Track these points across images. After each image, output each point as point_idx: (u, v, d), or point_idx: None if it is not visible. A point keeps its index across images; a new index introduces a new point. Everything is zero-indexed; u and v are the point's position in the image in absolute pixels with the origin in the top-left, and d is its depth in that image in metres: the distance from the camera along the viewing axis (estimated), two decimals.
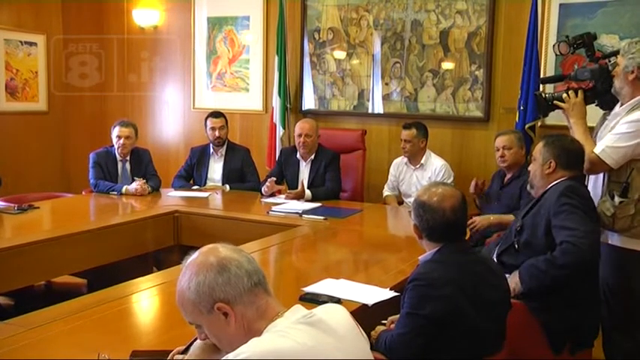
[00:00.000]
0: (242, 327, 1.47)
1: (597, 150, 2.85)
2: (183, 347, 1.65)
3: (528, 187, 2.91)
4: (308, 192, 4.59)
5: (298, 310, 1.52)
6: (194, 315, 1.51)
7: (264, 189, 4.65)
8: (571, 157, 2.77)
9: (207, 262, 1.50)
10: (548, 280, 2.52)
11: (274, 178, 4.68)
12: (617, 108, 2.98)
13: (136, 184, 4.64)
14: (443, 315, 2.05)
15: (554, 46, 3.38)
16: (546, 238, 2.62)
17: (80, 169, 5.96)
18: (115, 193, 4.63)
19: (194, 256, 1.53)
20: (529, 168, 2.90)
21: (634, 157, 2.81)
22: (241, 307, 1.47)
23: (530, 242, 2.69)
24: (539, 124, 4.74)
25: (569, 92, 3.10)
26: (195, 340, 1.60)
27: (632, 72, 2.84)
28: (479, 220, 3.97)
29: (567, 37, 3.30)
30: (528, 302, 2.58)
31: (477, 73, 5.11)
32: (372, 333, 2.32)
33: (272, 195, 4.65)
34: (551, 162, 2.77)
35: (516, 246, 2.75)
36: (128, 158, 4.81)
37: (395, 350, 2.12)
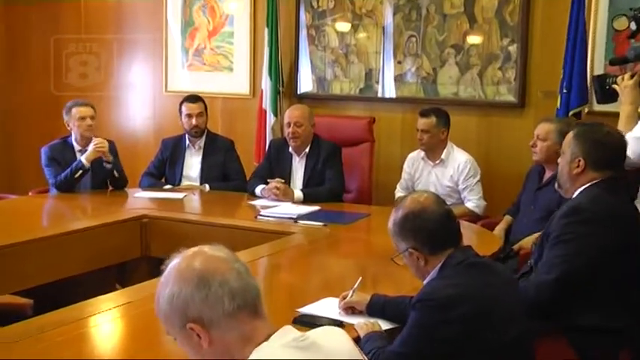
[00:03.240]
0: (219, 352, 1.47)
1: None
2: None
3: (556, 185, 2.91)
4: (298, 193, 4.58)
5: (288, 333, 1.51)
6: (167, 326, 1.53)
7: (265, 191, 4.61)
8: (604, 154, 2.70)
9: (188, 272, 1.51)
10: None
11: (282, 180, 4.62)
12: None
13: (92, 145, 4.65)
14: (456, 340, 2.06)
15: (613, 20, 3.38)
16: None
17: (28, 165, 5.95)
18: (80, 171, 4.63)
19: (177, 260, 1.54)
20: (558, 161, 2.88)
21: None
22: (219, 331, 1.47)
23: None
24: (586, 110, 4.73)
25: (625, 75, 3.12)
26: None
27: None
28: (525, 244, 3.91)
29: (635, 10, 3.30)
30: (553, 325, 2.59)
31: (509, 48, 5.11)
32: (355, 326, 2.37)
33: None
34: (579, 160, 2.72)
35: (533, 268, 2.77)
36: (88, 148, 4.79)
37: None
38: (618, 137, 2.77)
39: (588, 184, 2.71)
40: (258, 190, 4.68)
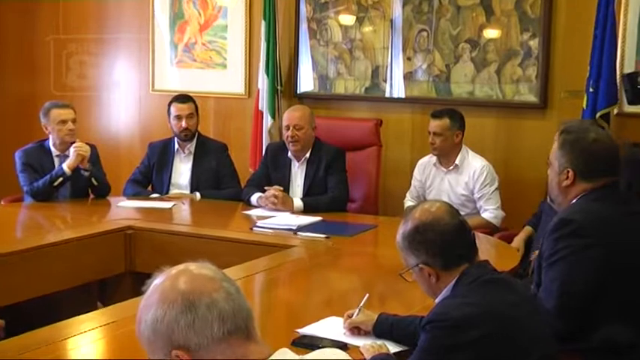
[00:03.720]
0: None
1: None
2: None
3: (548, 199, 2.91)
4: (298, 202, 4.57)
5: (285, 356, 1.50)
6: (149, 353, 1.51)
7: (262, 200, 4.60)
8: (594, 162, 2.67)
9: (173, 293, 1.49)
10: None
11: (280, 188, 4.62)
12: None
13: (73, 149, 4.65)
14: None
15: None
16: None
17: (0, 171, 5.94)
18: (61, 179, 4.62)
19: (161, 279, 1.53)
20: (548, 172, 2.86)
21: None
22: (207, 358, 1.45)
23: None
24: (614, 111, 4.73)
25: None
26: None
27: None
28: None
29: None
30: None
31: (530, 43, 5.10)
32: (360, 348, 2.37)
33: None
34: (568, 171, 2.69)
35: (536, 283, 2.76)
36: (68, 153, 4.79)
37: None
38: (607, 141, 2.72)
39: (581, 196, 2.70)
40: (254, 198, 4.67)
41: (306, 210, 4.52)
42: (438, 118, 4.72)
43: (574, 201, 2.70)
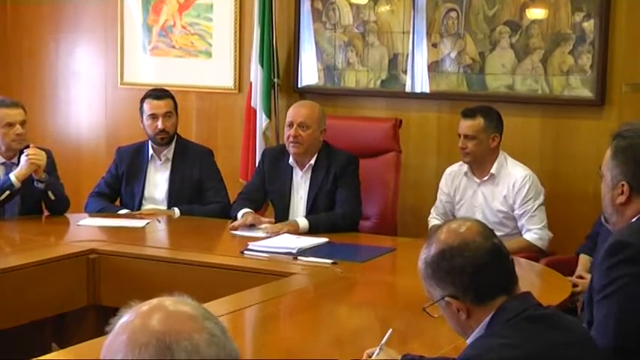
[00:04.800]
0: None
1: None
2: None
3: (602, 219, 2.91)
4: (303, 221, 4.58)
5: None
6: None
7: (232, 226, 4.62)
8: None
9: (145, 335, 1.48)
10: None
11: (249, 211, 4.65)
12: None
13: (25, 157, 4.63)
14: None
15: None
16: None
17: None
18: (7, 193, 4.63)
19: (130, 317, 1.52)
20: (602, 185, 2.86)
21: None
22: None
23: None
24: None
25: None
26: None
27: None
28: (582, 285, 3.94)
29: None
30: None
31: (584, 25, 5.11)
32: None
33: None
34: (622, 184, 2.70)
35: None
36: (16, 160, 4.80)
37: None
38: None
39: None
40: (240, 214, 4.66)
41: (312, 230, 4.52)
42: (469, 117, 4.72)
43: (633, 220, 2.70)
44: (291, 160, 4.81)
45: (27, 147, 4.75)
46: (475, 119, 4.70)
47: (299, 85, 5.86)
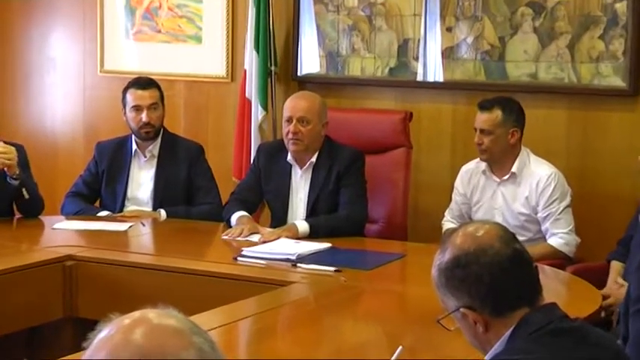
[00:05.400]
0: None
1: None
2: None
3: None
4: (303, 225, 4.58)
5: None
6: None
7: (228, 236, 4.63)
8: None
9: (126, 351, 1.49)
10: None
11: (244, 214, 4.66)
12: None
13: None
14: None
15: None
16: None
17: None
18: None
19: (109, 331, 1.52)
20: None
21: None
22: None
23: None
24: None
25: None
26: None
27: None
28: (615, 295, 3.94)
29: None
30: None
31: (616, 7, 5.11)
32: None
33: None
34: None
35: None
36: None
37: None
38: None
39: None
40: (234, 218, 4.67)
41: (312, 234, 4.53)
42: (486, 110, 4.72)
43: None
44: (289, 157, 4.82)
45: None
46: (492, 112, 4.70)
47: (298, 74, 5.87)
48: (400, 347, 2.61)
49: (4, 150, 4.67)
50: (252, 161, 5.18)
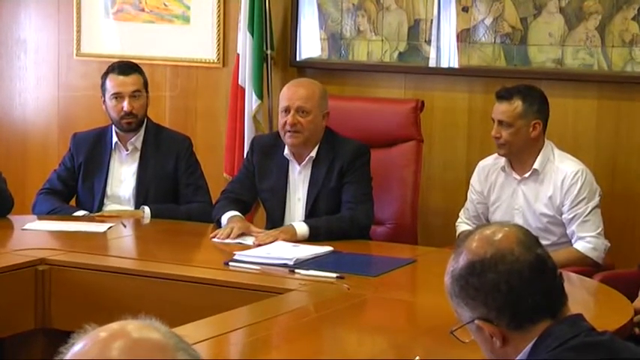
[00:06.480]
0: None
1: None
2: None
3: None
4: (301, 226, 4.59)
5: None
6: None
7: (216, 237, 4.62)
8: None
9: None
10: None
11: (236, 214, 4.66)
12: None
13: None
14: None
15: None
16: None
17: None
18: None
19: (85, 345, 1.51)
20: None
21: None
22: None
23: None
24: None
25: None
26: None
27: None
28: None
29: None
30: None
31: None
32: None
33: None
34: None
35: None
36: None
37: None
38: None
39: None
40: (225, 218, 4.67)
41: (312, 237, 4.54)
42: (505, 99, 4.71)
43: None
44: (286, 151, 4.82)
45: None
46: (512, 102, 4.69)
47: (297, 59, 5.89)
48: (417, 357, 2.61)
49: None
50: (245, 156, 5.18)
